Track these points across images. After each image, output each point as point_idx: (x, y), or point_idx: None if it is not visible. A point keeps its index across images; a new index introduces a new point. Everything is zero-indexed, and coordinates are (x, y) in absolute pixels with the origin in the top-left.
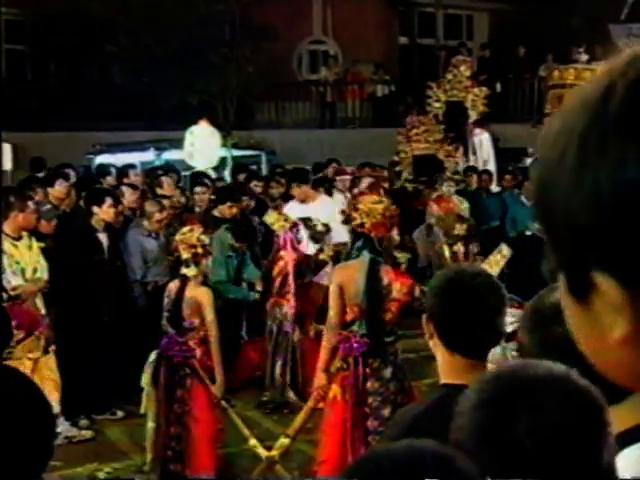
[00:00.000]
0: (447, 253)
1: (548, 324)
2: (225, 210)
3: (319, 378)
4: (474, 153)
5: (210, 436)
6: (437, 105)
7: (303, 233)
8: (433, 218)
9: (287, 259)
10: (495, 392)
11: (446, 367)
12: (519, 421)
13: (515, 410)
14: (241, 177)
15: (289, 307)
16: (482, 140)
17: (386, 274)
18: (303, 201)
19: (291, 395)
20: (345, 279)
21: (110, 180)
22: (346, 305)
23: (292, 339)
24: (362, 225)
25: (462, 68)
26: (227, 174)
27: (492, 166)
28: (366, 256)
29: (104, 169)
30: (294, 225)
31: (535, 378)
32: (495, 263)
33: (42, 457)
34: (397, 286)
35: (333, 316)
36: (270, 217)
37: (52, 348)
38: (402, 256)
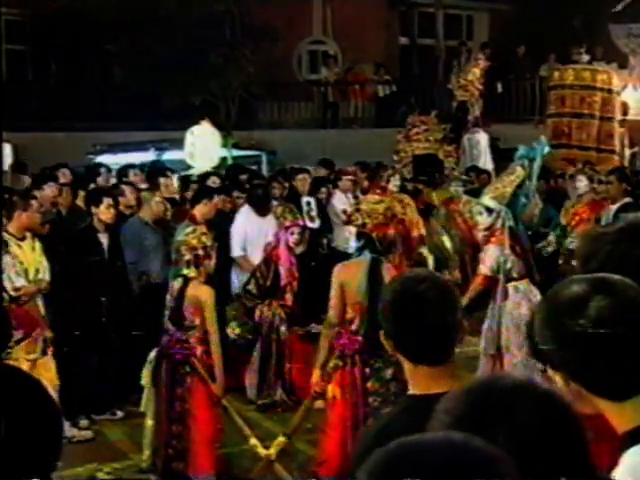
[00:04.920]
0: (448, 244)
1: (563, 319)
2: (201, 209)
3: (316, 376)
4: (463, 153)
5: (209, 435)
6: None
7: (297, 237)
8: (440, 219)
9: (282, 257)
10: (467, 408)
11: (413, 378)
12: (496, 431)
13: (490, 422)
14: (243, 177)
15: (277, 305)
16: (473, 140)
17: (388, 273)
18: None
19: (280, 394)
20: (346, 278)
21: (100, 181)
22: (346, 304)
23: (281, 337)
24: (364, 225)
25: (478, 69)
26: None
27: (486, 166)
28: (367, 256)
29: (95, 169)
30: (292, 225)
31: (503, 389)
32: (509, 183)
33: (51, 458)
34: None
35: (332, 315)
36: (280, 209)
37: (50, 350)
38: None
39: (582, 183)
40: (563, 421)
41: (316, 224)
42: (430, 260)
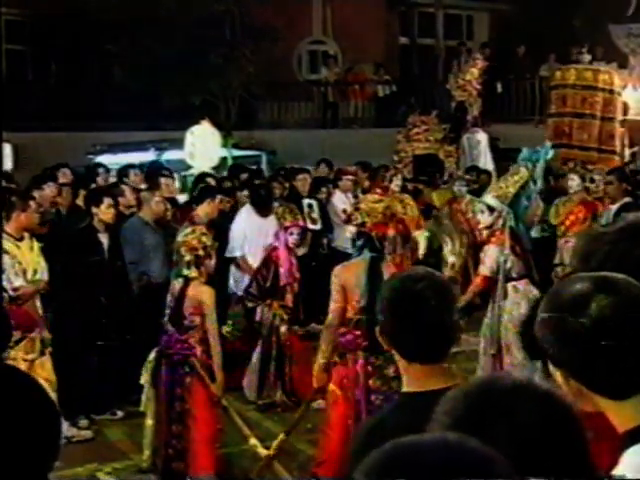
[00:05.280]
0: (446, 249)
1: (564, 316)
2: (204, 208)
3: (317, 376)
4: (462, 153)
5: (209, 435)
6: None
7: (296, 237)
8: (443, 218)
9: (281, 258)
10: (467, 409)
11: (407, 376)
12: (496, 432)
13: (490, 422)
14: (243, 177)
15: (277, 306)
16: (472, 140)
17: (388, 271)
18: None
19: (280, 395)
20: (347, 277)
21: (99, 181)
22: (347, 304)
23: (281, 338)
24: (363, 224)
25: (476, 69)
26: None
27: (487, 166)
28: (367, 254)
29: (94, 169)
30: (292, 226)
31: (503, 389)
32: (513, 184)
33: (48, 457)
34: None
35: (333, 316)
36: (280, 209)
37: (48, 350)
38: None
39: (574, 182)
40: (563, 421)
41: (318, 226)
42: (422, 244)
